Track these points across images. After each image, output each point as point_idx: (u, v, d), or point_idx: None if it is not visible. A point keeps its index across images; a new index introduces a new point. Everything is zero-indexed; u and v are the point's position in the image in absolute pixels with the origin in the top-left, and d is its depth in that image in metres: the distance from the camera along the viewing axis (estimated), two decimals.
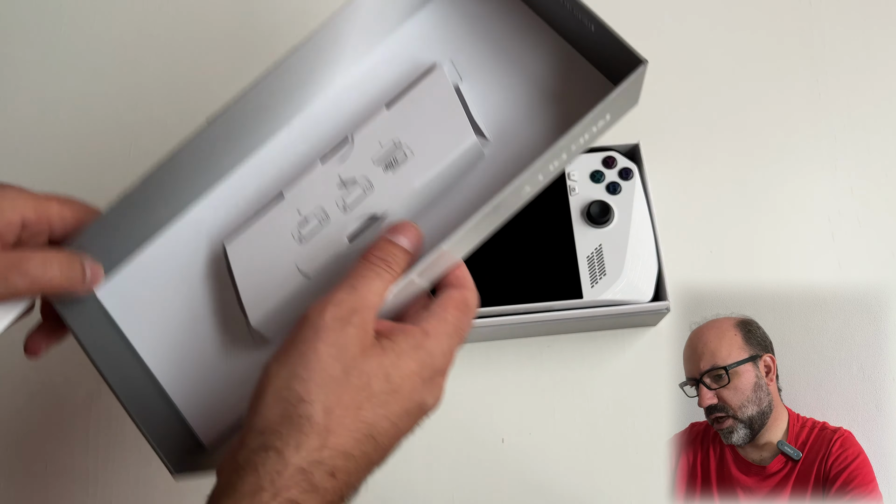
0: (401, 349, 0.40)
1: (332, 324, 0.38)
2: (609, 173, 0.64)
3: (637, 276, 0.62)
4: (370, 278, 0.40)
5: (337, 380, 0.37)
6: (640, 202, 0.64)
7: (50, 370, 0.69)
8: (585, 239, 0.63)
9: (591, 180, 0.64)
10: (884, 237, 0.70)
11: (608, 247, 0.62)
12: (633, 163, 0.64)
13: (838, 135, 0.73)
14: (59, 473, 0.66)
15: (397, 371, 0.39)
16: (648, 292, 0.62)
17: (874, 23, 0.77)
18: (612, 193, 0.64)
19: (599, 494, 0.65)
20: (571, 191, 0.64)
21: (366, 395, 0.38)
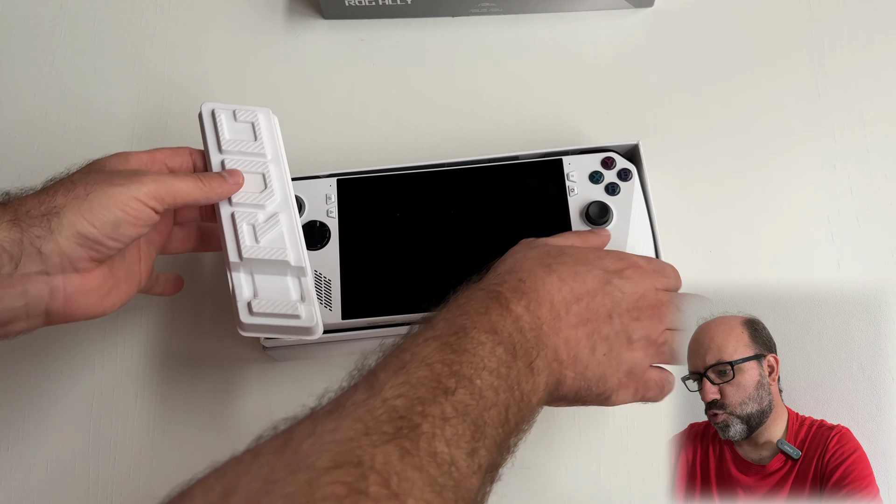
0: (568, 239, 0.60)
1: (541, 245, 0.55)
2: (608, 174, 0.64)
3: None
4: (571, 239, 0.58)
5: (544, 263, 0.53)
6: (639, 203, 0.64)
7: (50, 370, 0.69)
8: None
9: (590, 181, 0.64)
10: (883, 237, 0.70)
11: (607, 248, 0.61)
12: (633, 164, 0.64)
13: (838, 135, 0.74)
14: (59, 473, 0.66)
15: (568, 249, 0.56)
16: None
17: (874, 23, 0.77)
18: (611, 194, 0.64)
19: (599, 494, 0.65)
20: (570, 192, 0.64)
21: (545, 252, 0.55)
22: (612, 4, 0.78)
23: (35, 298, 0.49)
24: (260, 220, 0.56)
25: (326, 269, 0.62)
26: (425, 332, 0.46)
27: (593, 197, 0.64)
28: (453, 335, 0.45)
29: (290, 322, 0.55)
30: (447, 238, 0.63)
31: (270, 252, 0.55)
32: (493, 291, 0.49)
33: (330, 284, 0.61)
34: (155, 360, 0.69)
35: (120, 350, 0.69)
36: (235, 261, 0.55)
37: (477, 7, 0.78)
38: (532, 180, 0.64)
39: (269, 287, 0.56)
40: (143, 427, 0.67)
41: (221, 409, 0.68)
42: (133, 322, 0.70)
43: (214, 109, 0.58)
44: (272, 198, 0.57)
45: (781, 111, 0.75)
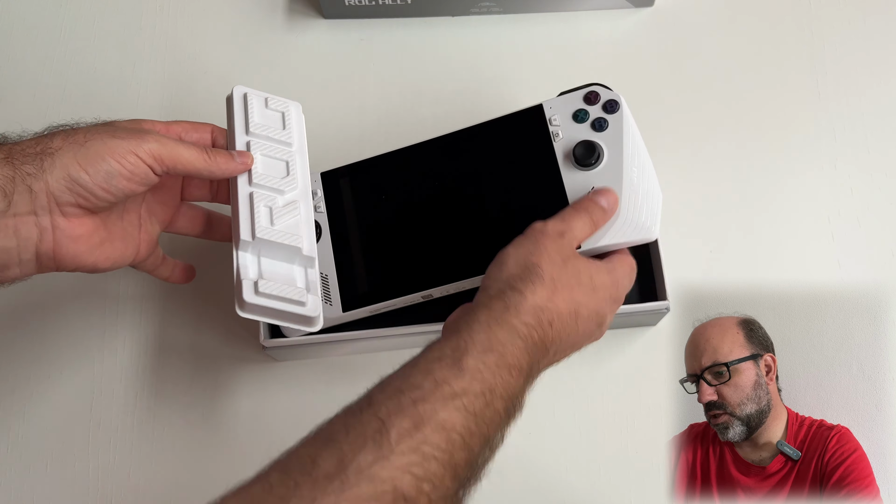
0: (597, 268, 0.52)
1: (552, 233, 0.51)
2: (593, 109, 0.58)
3: (638, 212, 0.55)
4: (577, 218, 0.52)
5: (559, 264, 0.49)
6: (631, 133, 0.58)
7: (50, 369, 0.69)
8: (576, 184, 0.57)
9: (574, 121, 0.58)
10: (884, 237, 0.70)
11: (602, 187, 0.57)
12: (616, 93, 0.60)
13: (838, 135, 0.74)
14: (59, 473, 0.66)
15: (598, 278, 0.51)
16: (654, 228, 0.56)
17: (874, 23, 0.77)
18: (599, 130, 0.58)
19: (599, 494, 0.65)
20: (555, 137, 0.58)
21: (576, 282, 0.50)
22: (613, 4, 0.78)
23: (25, 240, 0.48)
24: (279, 204, 0.55)
25: (322, 264, 0.60)
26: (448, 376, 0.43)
27: (579, 137, 0.58)
28: (479, 398, 0.43)
29: (295, 309, 0.54)
30: (436, 212, 0.60)
31: (285, 237, 0.54)
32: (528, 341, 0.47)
33: (327, 280, 0.60)
34: (155, 359, 0.69)
35: (119, 350, 0.69)
36: (247, 239, 0.54)
37: (477, 7, 0.78)
38: (513, 134, 0.60)
39: (275, 272, 0.55)
40: (142, 427, 0.67)
41: (221, 408, 0.68)
42: (133, 322, 0.70)
43: (247, 93, 0.58)
44: (293, 185, 0.57)
45: (782, 111, 0.75)
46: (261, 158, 0.56)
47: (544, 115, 0.59)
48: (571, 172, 0.57)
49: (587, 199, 0.54)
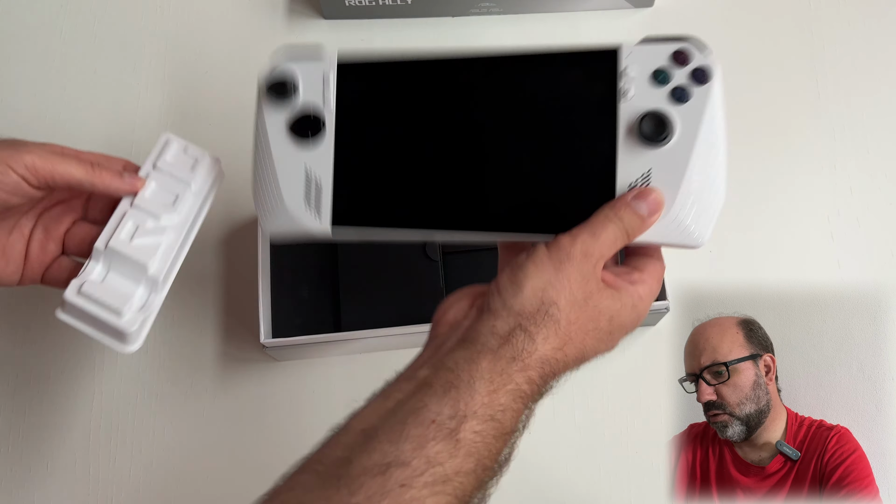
0: (624, 301, 0.45)
1: (579, 257, 0.44)
2: (678, 72, 0.47)
3: (689, 214, 0.46)
4: (609, 231, 0.44)
5: (579, 302, 0.43)
6: (715, 114, 0.47)
7: (50, 369, 0.69)
8: (631, 161, 0.47)
9: (653, 80, 0.47)
10: (883, 237, 0.70)
11: (660, 173, 0.46)
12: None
13: (838, 135, 0.74)
14: (59, 473, 0.66)
15: (618, 319, 0.45)
16: (703, 236, 0.47)
17: (874, 23, 0.77)
18: (679, 101, 0.47)
19: (599, 494, 0.65)
20: (623, 94, 0.47)
21: (593, 326, 0.44)
22: (612, 4, 0.78)
23: None
24: (148, 225, 0.54)
25: (317, 167, 0.51)
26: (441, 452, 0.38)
27: (653, 104, 0.47)
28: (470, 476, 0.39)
29: (110, 319, 0.51)
30: (460, 144, 0.50)
31: (136, 252, 0.53)
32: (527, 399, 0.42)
33: (320, 187, 0.51)
34: (154, 359, 0.69)
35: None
36: (100, 247, 0.52)
37: (477, 7, 0.78)
38: (574, 75, 0.49)
39: (114, 286, 0.53)
40: (143, 427, 0.67)
41: (220, 408, 0.68)
42: None
43: (169, 139, 0.57)
44: (172, 216, 0.55)
45: (782, 111, 0.75)
46: (153, 187, 0.55)
47: (617, 62, 0.48)
48: (630, 144, 0.47)
49: (624, 204, 0.45)
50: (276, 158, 0.51)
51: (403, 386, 0.41)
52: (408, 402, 0.40)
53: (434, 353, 0.43)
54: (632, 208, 0.45)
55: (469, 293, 0.47)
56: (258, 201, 0.52)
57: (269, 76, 0.51)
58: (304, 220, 0.50)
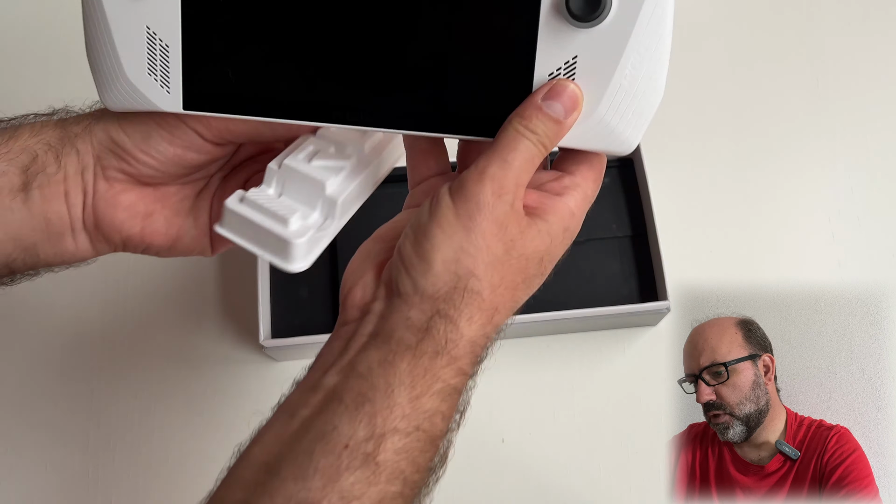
0: (553, 232, 0.39)
1: (491, 200, 0.37)
2: None
3: (620, 114, 0.39)
4: (521, 151, 0.37)
5: (500, 259, 0.37)
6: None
7: (49, 369, 0.69)
8: (554, 44, 0.38)
9: None
10: (884, 237, 0.70)
11: (588, 61, 0.38)
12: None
13: (838, 134, 0.73)
14: (59, 473, 0.66)
15: (549, 256, 0.39)
16: (633, 138, 0.40)
17: (874, 22, 0.77)
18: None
19: (599, 494, 0.65)
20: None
21: (522, 278, 0.38)
22: None
23: (73, 206, 0.44)
24: (330, 151, 0.45)
25: (160, 27, 0.40)
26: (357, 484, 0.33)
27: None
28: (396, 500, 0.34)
29: (275, 227, 0.42)
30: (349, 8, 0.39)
31: (312, 170, 0.44)
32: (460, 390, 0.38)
33: (167, 53, 0.41)
34: (153, 360, 0.69)
35: (118, 350, 0.69)
36: (273, 167, 0.44)
37: None
38: None
39: (284, 202, 0.44)
40: (142, 427, 0.67)
41: (220, 409, 0.68)
42: (132, 322, 0.70)
43: None
44: (359, 145, 0.45)
45: (782, 110, 0.74)
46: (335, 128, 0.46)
47: None
48: (554, 22, 0.37)
49: (534, 108, 0.38)
50: (109, 17, 0.40)
51: (309, 398, 0.36)
52: (315, 423, 0.34)
53: (343, 350, 0.37)
54: (544, 112, 0.37)
55: (372, 259, 0.40)
56: (94, 69, 0.42)
57: None
58: (150, 94, 0.42)
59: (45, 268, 0.46)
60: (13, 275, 0.45)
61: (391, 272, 0.38)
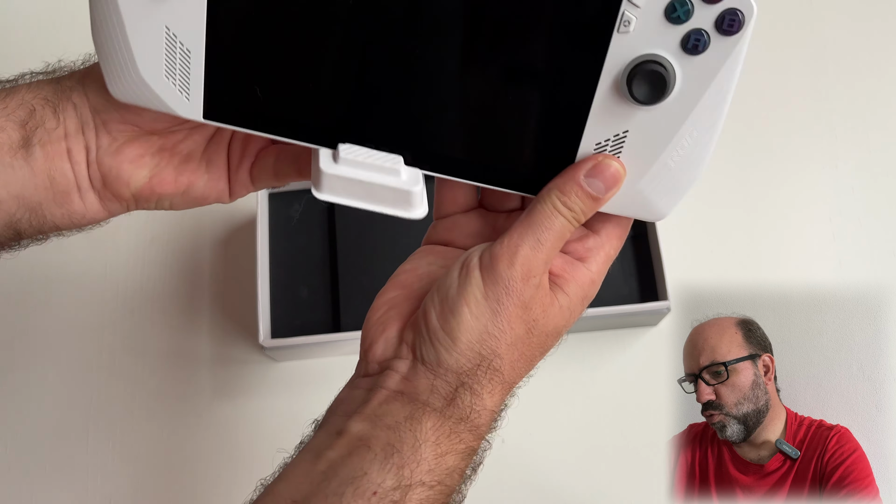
0: (573, 305, 0.40)
1: (520, 284, 0.37)
2: (702, 12, 0.34)
3: (659, 188, 0.38)
4: (555, 230, 0.37)
5: (522, 339, 0.38)
6: (730, 77, 0.36)
7: (49, 368, 0.69)
8: (607, 115, 0.36)
9: (666, 16, 0.34)
10: (885, 237, 0.70)
11: (637, 138, 0.37)
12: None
13: (839, 134, 0.73)
14: (59, 473, 0.66)
15: (566, 327, 0.40)
16: (666, 211, 0.39)
17: (875, 21, 0.77)
18: (691, 51, 0.34)
19: (599, 494, 0.65)
20: (622, 25, 0.34)
21: (540, 351, 0.40)
22: None
23: (77, 163, 0.42)
24: None
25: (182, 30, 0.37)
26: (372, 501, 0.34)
27: (655, 48, 0.34)
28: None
29: (388, 180, 0.39)
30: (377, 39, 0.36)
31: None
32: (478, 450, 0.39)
33: (188, 58, 0.37)
34: (154, 360, 0.69)
35: (117, 350, 0.69)
36: None
37: None
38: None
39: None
40: (141, 428, 0.67)
41: (220, 409, 0.68)
42: (131, 323, 0.70)
43: None
44: None
45: (782, 110, 0.74)
46: None
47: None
48: (611, 94, 0.35)
49: (574, 185, 0.37)
50: (123, 12, 0.36)
51: (336, 442, 0.36)
52: (343, 467, 0.35)
53: (366, 400, 0.38)
54: (584, 190, 0.37)
55: (395, 312, 0.41)
56: (101, 55, 0.38)
57: None
58: (165, 96, 0.38)
59: (55, 231, 0.44)
60: (20, 238, 0.44)
61: (415, 337, 0.39)
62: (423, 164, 0.39)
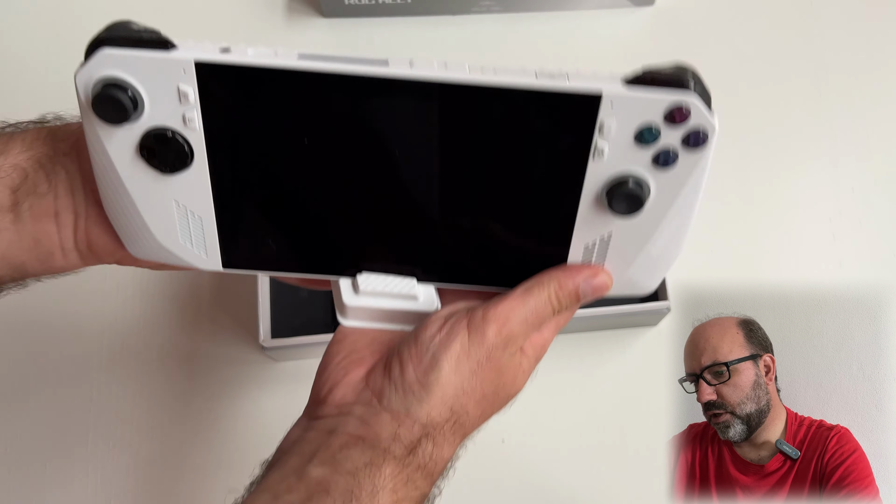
0: (531, 367, 0.42)
1: (501, 349, 0.39)
2: (669, 132, 0.37)
3: (644, 273, 0.42)
4: (542, 315, 0.41)
5: (488, 398, 0.40)
6: (699, 181, 0.39)
7: (49, 368, 0.69)
8: (592, 222, 0.40)
9: (636, 141, 0.37)
10: (885, 237, 0.70)
11: (620, 240, 0.41)
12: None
13: (839, 134, 0.73)
14: (59, 473, 0.66)
15: (523, 386, 0.42)
16: (650, 287, 0.43)
17: (875, 21, 0.77)
18: (661, 166, 0.37)
19: (599, 494, 0.65)
20: (596, 154, 0.37)
21: (499, 408, 0.42)
22: (613, 3, 0.78)
23: (64, 226, 0.42)
24: None
25: (191, 201, 0.39)
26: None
27: (629, 167, 0.37)
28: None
29: (408, 305, 0.43)
30: (388, 178, 0.39)
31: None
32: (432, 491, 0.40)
33: (201, 225, 0.40)
34: (153, 360, 0.69)
35: (117, 351, 0.69)
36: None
37: (477, 6, 0.78)
38: (538, 121, 0.38)
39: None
40: (140, 428, 0.67)
41: (220, 409, 0.68)
42: (130, 322, 0.70)
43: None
44: None
45: (783, 110, 0.74)
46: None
47: (596, 114, 0.37)
48: (593, 207, 0.39)
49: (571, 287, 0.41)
50: (130, 190, 0.38)
51: (295, 485, 0.36)
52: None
53: (324, 443, 0.38)
54: (576, 293, 0.41)
55: (358, 358, 0.41)
56: (117, 225, 0.41)
57: (92, 87, 0.36)
58: (184, 256, 0.41)
59: (33, 279, 0.45)
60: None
61: (384, 384, 0.39)
62: (434, 277, 0.43)
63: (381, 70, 0.35)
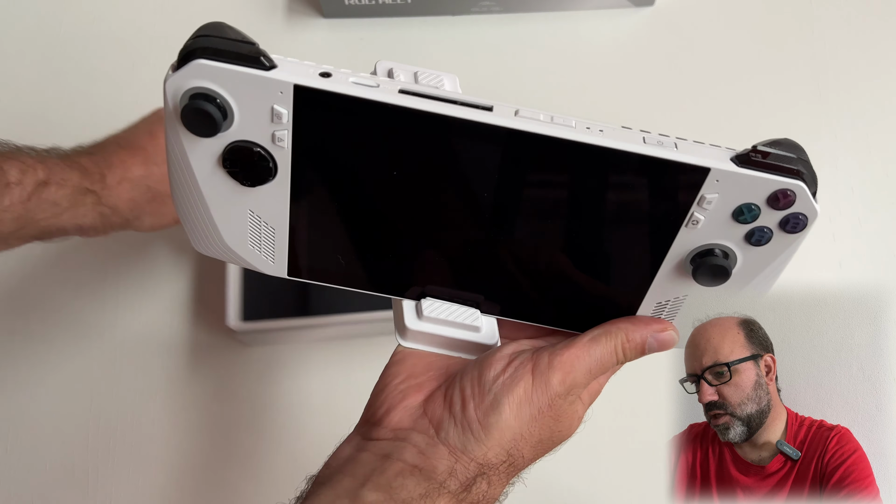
0: (584, 411, 0.42)
1: (562, 398, 0.39)
2: (768, 214, 0.36)
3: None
4: (606, 365, 0.40)
5: (543, 442, 0.40)
6: (782, 263, 0.39)
7: (49, 368, 0.69)
8: (669, 285, 0.40)
9: (733, 217, 0.37)
10: (884, 237, 0.70)
11: (695, 302, 0.41)
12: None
13: (839, 134, 0.73)
14: (59, 473, 0.66)
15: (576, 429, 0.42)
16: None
17: (875, 22, 0.77)
18: (753, 243, 0.37)
19: (599, 494, 0.65)
20: (690, 222, 0.37)
21: (551, 450, 0.42)
22: (613, 4, 0.78)
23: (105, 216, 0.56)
24: None
25: (266, 213, 0.40)
26: None
27: (719, 239, 0.37)
28: None
29: (468, 336, 0.43)
30: (460, 220, 0.40)
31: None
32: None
33: (273, 237, 0.41)
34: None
35: (111, 340, 0.69)
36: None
37: (477, 6, 0.78)
38: (639, 184, 0.37)
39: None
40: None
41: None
42: (119, 310, 0.70)
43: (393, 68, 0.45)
44: None
45: (783, 110, 0.75)
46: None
47: (700, 185, 0.36)
48: (674, 269, 0.39)
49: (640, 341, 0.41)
50: (206, 195, 0.39)
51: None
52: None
53: (378, 468, 0.37)
54: (643, 346, 0.41)
55: (418, 383, 0.41)
56: (185, 222, 0.41)
57: (181, 96, 0.36)
58: (250, 259, 0.42)
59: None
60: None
61: (443, 416, 0.39)
62: (497, 311, 0.43)
63: (485, 117, 0.35)
